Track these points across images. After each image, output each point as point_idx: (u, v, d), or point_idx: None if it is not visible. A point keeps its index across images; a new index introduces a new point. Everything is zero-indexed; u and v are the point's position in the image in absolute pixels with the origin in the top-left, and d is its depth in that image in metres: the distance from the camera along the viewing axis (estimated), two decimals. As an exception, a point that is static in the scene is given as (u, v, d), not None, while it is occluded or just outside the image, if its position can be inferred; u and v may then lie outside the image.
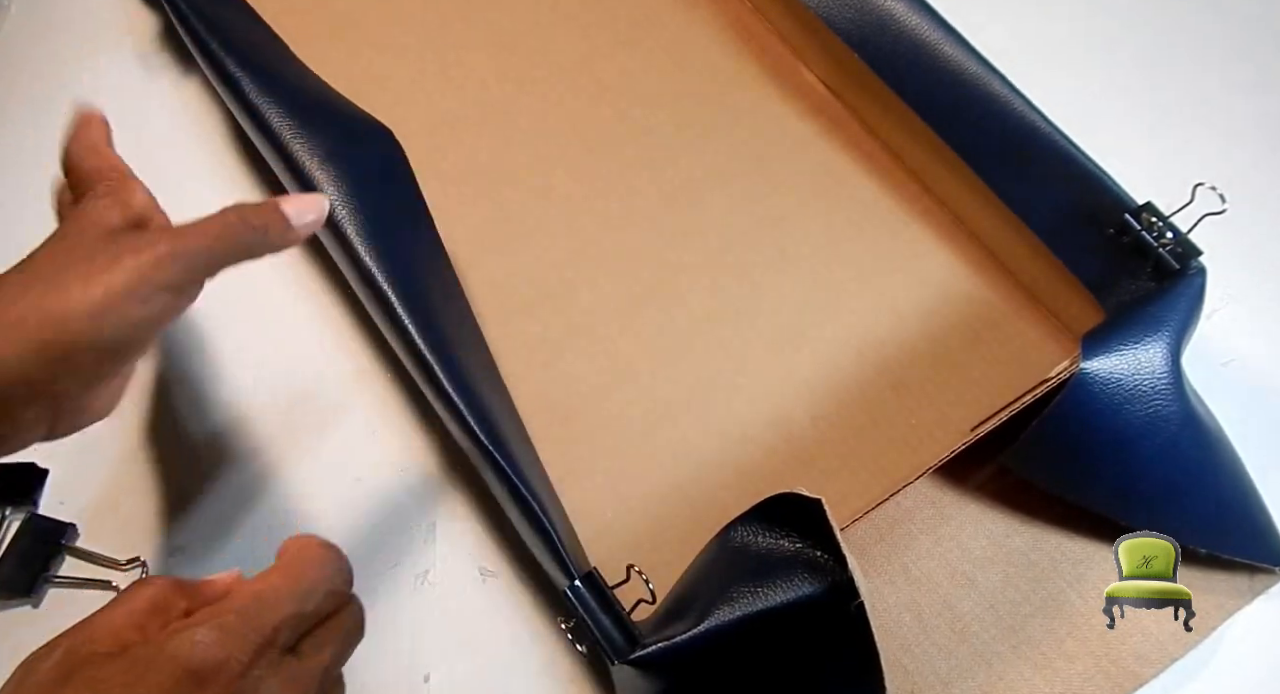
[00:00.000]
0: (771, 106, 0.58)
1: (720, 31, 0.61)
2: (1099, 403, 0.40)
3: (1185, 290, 0.42)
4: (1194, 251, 0.43)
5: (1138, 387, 0.40)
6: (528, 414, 0.48)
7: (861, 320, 0.51)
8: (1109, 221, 0.45)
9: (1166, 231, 0.43)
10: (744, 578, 0.36)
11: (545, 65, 0.59)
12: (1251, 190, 0.55)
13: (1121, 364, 0.39)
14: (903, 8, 0.50)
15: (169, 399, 0.51)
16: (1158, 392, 0.40)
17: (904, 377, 0.50)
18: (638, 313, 0.51)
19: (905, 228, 0.54)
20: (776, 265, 0.53)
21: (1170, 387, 0.40)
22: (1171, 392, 0.40)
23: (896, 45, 0.50)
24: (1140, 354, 0.40)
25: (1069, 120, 0.48)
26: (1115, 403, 0.40)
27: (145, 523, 0.47)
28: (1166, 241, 0.43)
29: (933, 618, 0.44)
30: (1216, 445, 0.44)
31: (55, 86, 0.60)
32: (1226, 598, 0.44)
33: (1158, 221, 0.44)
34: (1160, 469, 0.42)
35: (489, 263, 0.52)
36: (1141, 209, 0.44)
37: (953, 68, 0.48)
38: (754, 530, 0.37)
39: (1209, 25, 0.61)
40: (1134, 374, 0.40)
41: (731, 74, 0.59)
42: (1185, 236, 0.43)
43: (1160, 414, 0.40)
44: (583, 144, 0.56)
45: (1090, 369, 0.39)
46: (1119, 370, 0.40)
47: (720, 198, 0.55)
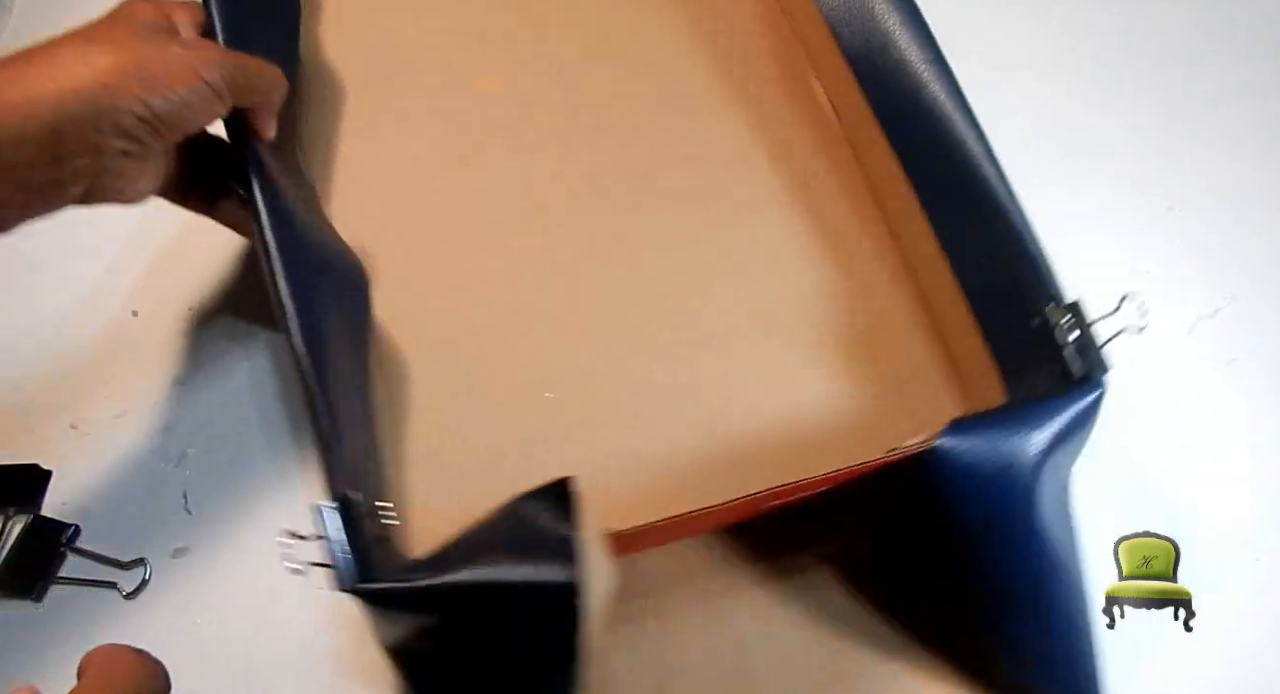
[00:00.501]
0: (771, 109, 0.57)
1: (746, 22, 0.60)
2: (946, 489, 0.38)
3: (1076, 401, 0.39)
4: (1091, 367, 0.40)
5: (989, 486, 0.37)
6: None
7: (784, 343, 0.50)
8: (1034, 311, 0.42)
9: (1080, 336, 0.41)
10: (505, 547, 0.35)
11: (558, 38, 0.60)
12: (1252, 190, 0.55)
13: (977, 459, 0.37)
14: (907, 38, 0.48)
15: (168, 400, 0.51)
16: (1012, 496, 0.38)
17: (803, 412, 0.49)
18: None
19: (858, 264, 0.52)
20: (716, 267, 0.52)
21: (1026, 494, 0.38)
22: (1026, 500, 0.38)
23: (894, 75, 0.48)
24: (1001, 451, 0.37)
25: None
26: (960, 494, 0.38)
27: (148, 524, 0.48)
28: (1084, 345, 0.41)
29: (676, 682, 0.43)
30: (1063, 575, 0.41)
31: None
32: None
33: (1075, 324, 0.41)
34: (994, 580, 0.40)
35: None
36: (1067, 308, 0.41)
37: (937, 112, 0.46)
38: (540, 506, 0.36)
39: (1207, 25, 0.61)
40: (989, 472, 0.37)
41: (743, 67, 0.58)
42: (1089, 349, 0.40)
43: (1006, 522, 0.38)
44: (574, 108, 0.57)
45: (943, 450, 0.37)
46: (973, 464, 0.37)
47: (687, 184, 0.55)
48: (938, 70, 0.47)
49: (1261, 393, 0.50)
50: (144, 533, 0.47)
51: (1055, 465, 0.39)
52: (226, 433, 0.50)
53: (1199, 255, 0.54)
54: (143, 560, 0.47)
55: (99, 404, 0.51)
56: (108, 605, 0.46)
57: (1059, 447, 0.38)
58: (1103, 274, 0.53)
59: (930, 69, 0.47)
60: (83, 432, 0.50)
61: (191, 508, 0.48)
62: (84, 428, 0.50)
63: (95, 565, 0.47)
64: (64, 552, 0.47)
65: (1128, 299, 0.41)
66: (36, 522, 0.47)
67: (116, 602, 0.46)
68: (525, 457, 0.48)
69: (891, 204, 0.53)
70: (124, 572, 0.47)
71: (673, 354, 0.50)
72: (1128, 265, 0.54)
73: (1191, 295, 0.53)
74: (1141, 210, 0.55)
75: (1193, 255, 0.54)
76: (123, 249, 0.54)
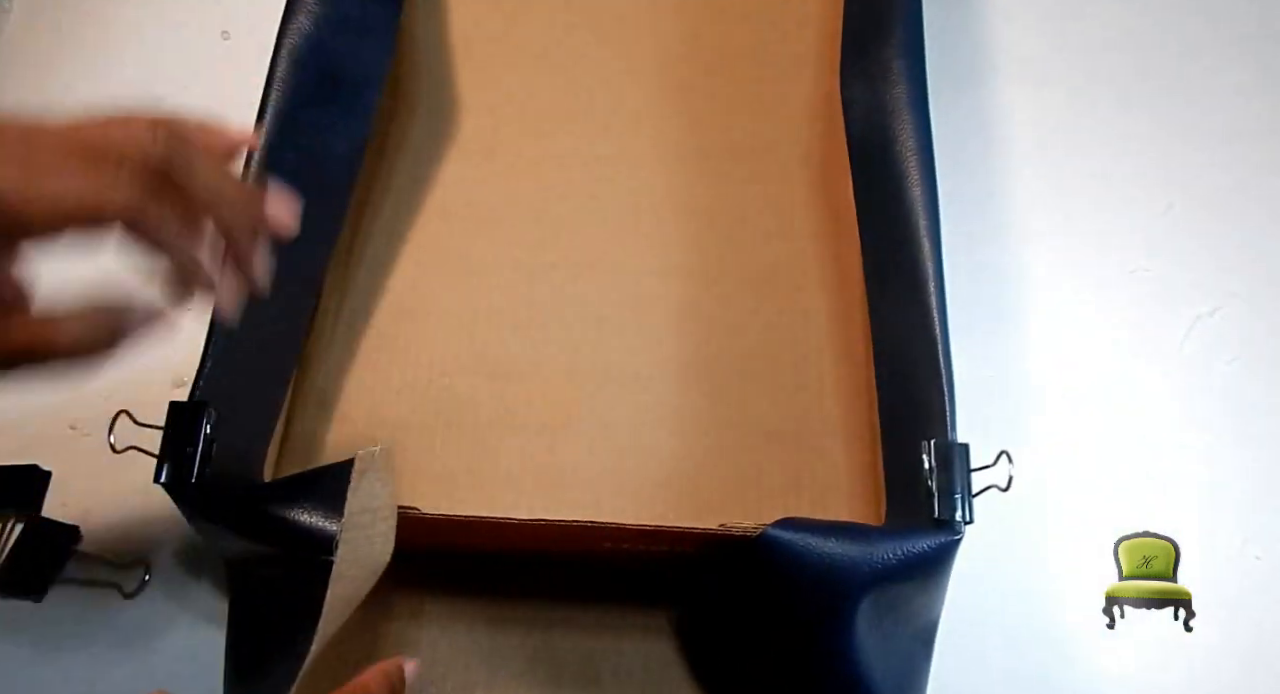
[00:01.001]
0: (796, 190, 0.55)
1: (799, 109, 0.58)
2: (765, 579, 0.38)
3: (923, 538, 0.38)
4: (953, 512, 0.39)
5: (808, 589, 0.37)
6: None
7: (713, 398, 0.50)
8: (924, 437, 0.41)
9: (945, 479, 0.40)
10: (331, 496, 0.37)
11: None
12: (1252, 190, 0.55)
13: (800, 559, 0.37)
14: (909, 154, 0.47)
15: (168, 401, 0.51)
16: (828, 609, 0.37)
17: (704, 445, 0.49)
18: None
19: (817, 354, 0.51)
20: (674, 320, 0.52)
21: (843, 612, 0.37)
22: (842, 617, 0.37)
23: (884, 182, 0.47)
24: (829, 561, 0.37)
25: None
26: (778, 588, 0.38)
27: (147, 525, 0.48)
28: (952, 491, 0.39)
29: None
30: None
31: (57, 92, 0.60)
32: None
33: (945, 465, 0.40)
34: (799, 681, 0.40)
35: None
36: (946, 446, 0.40)
37: (905, 216, 0.46)
38: (347, 473, 0.38)
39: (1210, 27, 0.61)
40: (810, 577, 0.37)
41: (788, 146, 0.56)
42: (956, 494, 0.39)
43: (821, 631, 0.38)
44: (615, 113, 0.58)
45: (769, 536, 0.37)
46: (795, 562, 0.37)
47: (677, 229, 0.54)
48: (921, 173, 0.46)
49: (1261, 392, 0.50)
50: (144, 534, 0.47)
51: (895, 599, 0.38)
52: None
53: (1199, 254, 0.54)
54: (142, 561, 0.47)
55: (98, 405, 0.51)
56: (108, 606, 0.46)
57: (896, 580, 0.37)
58: (1103, 274, 0.54)
59: (917, 170, 0.46)
60: (82, 432, 0.50)
61: (191, 509, 0.48)
62: (84, 429, 0.50)
63: (95, 566, 0.47)
64: (64, 553, 0.47)
65: (1003, 457, 0.40)
66: (36, 523, 0.47)
67: (117, 602, 0.46)
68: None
69: (860, 306, 0.52)
70: (124, 572, 0.47)
71: (602, 379, 0.50)
72: (1127, 264, 0.54)
73: (1191, 294, 0.53)
74: (1141, 209, 0.55)
75: (1192, 254, 0.54)
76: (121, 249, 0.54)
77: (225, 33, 0.62)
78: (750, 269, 0.53)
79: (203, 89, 0.60)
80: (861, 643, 0.38)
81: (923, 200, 0.45)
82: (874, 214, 0.48)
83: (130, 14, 0.63)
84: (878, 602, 0.37)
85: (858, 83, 0.51)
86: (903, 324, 0.44)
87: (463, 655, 0.44)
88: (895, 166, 0.47)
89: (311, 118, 0.49)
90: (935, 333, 0.42)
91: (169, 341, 0.51)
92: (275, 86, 0.48)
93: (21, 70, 0.61)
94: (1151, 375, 0.51)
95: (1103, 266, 0.54)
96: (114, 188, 0.30)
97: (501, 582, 0.46)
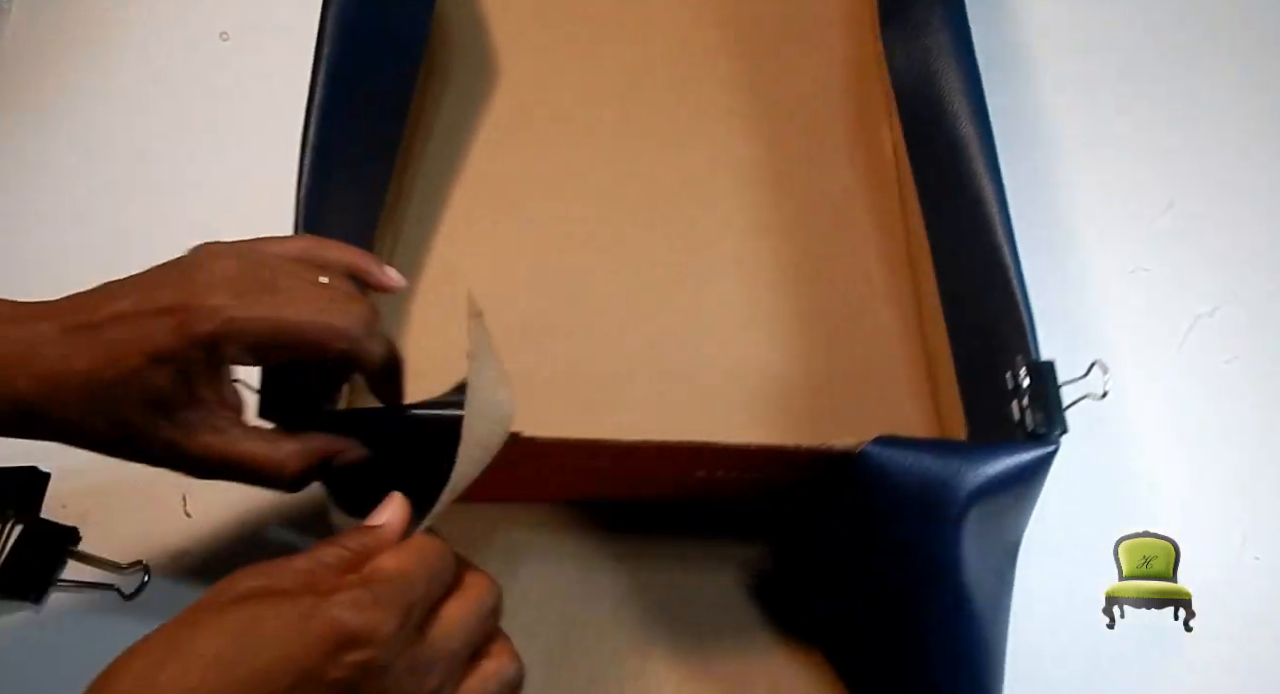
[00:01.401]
0: (834, 144, 0.57)
1: (832, 67, 0.60)
2: (865, 496, 0.38)
3: (1022, 452, 0.38)
4: (1049, 424, 0.40)
5: (908, 506, 0.38)
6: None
7: (774, 354, 0.51)
8: (1006, 364, 0.42)
9: (1043, 395, 0.40)
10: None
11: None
12: (1252, 190, 0.55)
13: (901, 475, 0.37)
14: (958, 91, 0.48)
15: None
16: (933, 522, 0.38)
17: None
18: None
19: (872, 304, 0.53)
20: (730, 273, 0.54)
21: (948, 526, 0.37)
22: (946, 533, 0.37)
23: (934, 127, 0.49)
24: (928, 476, 0.37)
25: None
26: (878, 506, 0.38)
27: (146, 527, 0.48)
28: (1045, 403, 0.40)
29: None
30: (977, 625, 0.40)
31: (57, 92, 0.60)
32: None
33: (1037, 381, 0.41)
34: (897, 605, 0.40)
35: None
36: (1035, 365, 0.41)
37: (966, 165, 0.47)
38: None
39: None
40: (911, 492, 0.37)
41: (820, 102, 0.58)
42: (1051, 406, 0.40)
43: (923, 548, 0.38)
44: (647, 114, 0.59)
45: (868, 454, 0.37)
46: (896, 478, 0.37)
47: (724, 188, 0.56)
48: (977, 127, 0.47)
49: (1261, 392, 0.50)
50: (143, 536, 0.47)
51: (992, 514, 0.39)
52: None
53: (1198, 254, 0.54)
54: (142, 563, 0.47)
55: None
56: (107, 608, 0.46)
57: (996, 493, 0.38)
58: (1102, 275, 0.53)
59: (971, 125, 0.47)
60: (81, 434, 0.50)
61: (190, 510, 0.48)
62: (83, 430, 0.50)
63: (94, 568, 0.47)
64: (63, 554, 0.47)
65: (1096, 366, 0.41)
66: (36, 525, 0.47)
67: (116, 604, 0.46)
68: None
69: (919, 253, 0.53)
70: (123, 574, 0.47)
71: (673, 345, 0.52)
72: (1127, 264, 0.54)
73: (1191, 294, 0.53)
74: (1142, 207, 0.55)
75: (1192, 254, 0.54)
76: (120, 251, 0.54)
77: (224, 33, 0.62)
78: (798, 221, 0.55)
79: (202, 90, 0.60)
80: (964, 558, 0.38)
81: (976, 134, 0.47)
82: (927, 155, 0.49)
83: (129, 15, 0.63)
84: (978, 516, 0.38)
85: (899, 35, 0.53)
86: (969, 255, 0.46)
87: (559, 593, 0.45)
88: (945, 107, 0.48)
89: (363, 73, 0.51)
90: (1005, 258, 0.44)
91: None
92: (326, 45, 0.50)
93: (21, 71, 0.61)
94: (1151, 375, 0.51)
95: (1103, 266, 0.54)
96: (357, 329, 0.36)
97: (592, 518, 0.47)
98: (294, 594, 0.29)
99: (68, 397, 0.32)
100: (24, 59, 0.61)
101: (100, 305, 0.33)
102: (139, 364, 0.32)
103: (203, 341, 0.33)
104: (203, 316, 0.32)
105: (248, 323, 0.33)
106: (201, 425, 0.35)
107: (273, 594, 0.29)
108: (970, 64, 0.49)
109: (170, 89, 0.60)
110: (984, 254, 0.45)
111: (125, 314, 0.33)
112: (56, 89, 0.60)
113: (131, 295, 0.33)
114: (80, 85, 0.60)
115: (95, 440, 0.34)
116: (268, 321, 0.33)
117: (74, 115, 0.59)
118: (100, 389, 0.32)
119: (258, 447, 0.36)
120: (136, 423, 0.33)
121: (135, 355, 0.32)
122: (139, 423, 0.33)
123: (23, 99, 0.60)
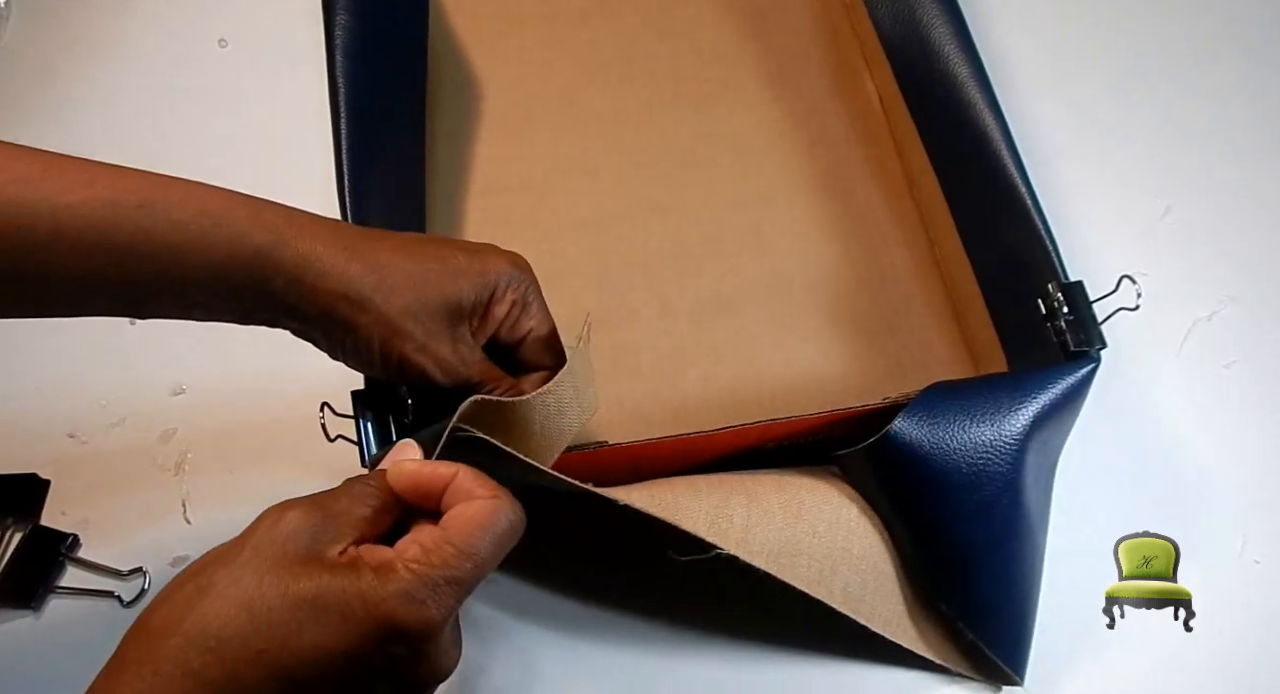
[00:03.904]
0: (821, 102, 0.59)
1: (806, 19, 0.62)
2: (928, 436, 0.39)
3: (1068, 373, 0.41)
4: (1089, 341, 0.42)
5: (972, 441, 0.39)
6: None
7: (802, 313, 0.53)
8: (1038, 292, 0.44)
9: (1078, 313, 0.43)
10: None
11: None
12: (1251, 191, 0.56)
13: (964, 413, 0.39)
14: (947, 35, 0.50)
15: (166, 409, 0.51)
16: (995, 453, 0.39)
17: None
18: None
19: (886, 249, 0.54)
20: (745, 238, 0.55)
21: (1010, 455, 0.40)
22: (1009, 461, 0.40)
23: (929, 73, 0.50)
24: (988, 413, 0.39)
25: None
26: (944, 443, 0.39)
27: (146, 533, 0.48)
28: (1081, 321, 0.43)
29: None
30: (1030, 537, 0.43)
31: (55, 99, 0.60)
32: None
33: (1074, 302, 0.43)
34: (966, 531, 0.41)
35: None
36: (1068, 287, 0.43)
37: (966, 107, 0.48)
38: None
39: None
40: (973, 427, 0.39)
41: (800, 62, 0.60)
42: (1088, 324, 0.42)
43: (986, 476, 0.40)
44: (628, 71, 0.60)
45: (928, 397, 0.40)
46: (957, 417, 0.39)
47: (729, 160, 0.57)
48: (972, 68, 0.49)
49: (1260, 394, 0.50)
50: (143, 542, 0.47)
51: (1044, 438, 0.41)
52: (225, 442, 0.50)
53: (1197, 257, 0.54)
54: (142, 569, 0.47)
55: (97, 413, 0.51)
56: (107, 615, 0.46)
57: (1050, 417, 0.40)
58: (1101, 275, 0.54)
59: (965, 67, 0.49)
60: (81, 441, 0.50)
61: (190, 517, 0.48)
62: (82, 437, 0.50)
63: (94, 575, 0.47)
64: (63, 561, 0.47)
65: (1126, 280, 0.43)
66: (35, 531, 0.47)
67: (116, 611, 0.46)
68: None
69: (923, 196, 0.55)
70: (123, 581, 0.46)
71: (696, 311, 0.53)
72: (1126, 267, 0.54)
73: (1190, 297, 0.53)
74: (1140, 212, 0.55)
75: (1191, 257, 0.54)
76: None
77: (222, 40, 0.62)
78: (804, 181, 0.57)
79: (199, 96, 0.60)
80: (1024, 482, 0.40)
81: (971, 73, 0.49)
82: (925, 100, 0.51)
83: (127, 21, 0.63)
84: (1035, 442, 0.40)
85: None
86: (984, 191, 0.47)
87: None
88: (936, 51, 0.50)
89: (376, 63, 0.52)
90: (1019, 189, 0.45)
91: (159, 353, 0.52)
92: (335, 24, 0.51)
93: (19, 77, 0.61)
94: (1150, 378, 0.51)
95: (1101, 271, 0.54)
96: None
97: None
98: (356, 569, 0.29)
99: (397, 281, 0.36)
100: (22, 65, 0.61)
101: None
102: (456, 272, 0.38)
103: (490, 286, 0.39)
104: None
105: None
106: (464, 342, 0.39)
107: (335, 568, 0.29)
108: (954, 7, 0.51)
109: (168, 95, 0.60)
110: (998, 189, 0.46)
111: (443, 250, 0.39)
112: (54, 95, 0.60)
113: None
114: (78, 92, 0.60)
115: (386, 338, 0.37)
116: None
117: (72, 122, 0.59)
118: (425, 283, 0.37)
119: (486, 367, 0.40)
120: (432, 326, 0.37)
121: (452, 271, 0.38)
122: (432, 326, 0.37)
123: (21, 105, 0.60)
